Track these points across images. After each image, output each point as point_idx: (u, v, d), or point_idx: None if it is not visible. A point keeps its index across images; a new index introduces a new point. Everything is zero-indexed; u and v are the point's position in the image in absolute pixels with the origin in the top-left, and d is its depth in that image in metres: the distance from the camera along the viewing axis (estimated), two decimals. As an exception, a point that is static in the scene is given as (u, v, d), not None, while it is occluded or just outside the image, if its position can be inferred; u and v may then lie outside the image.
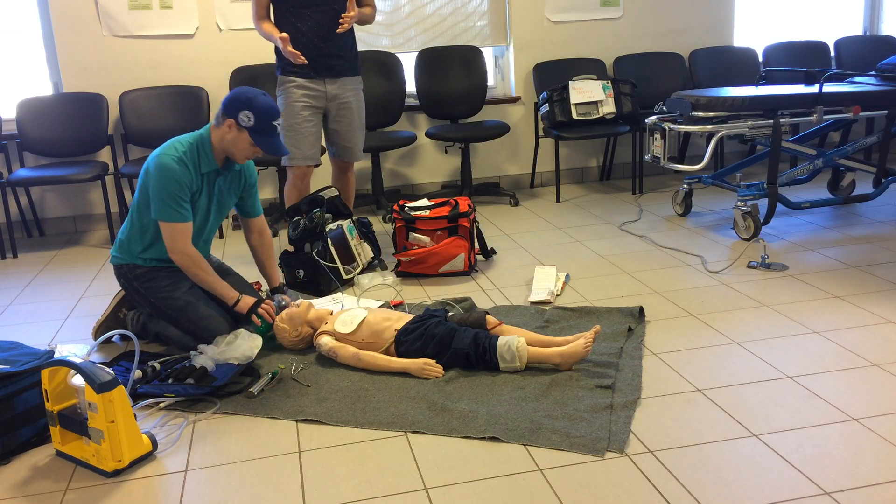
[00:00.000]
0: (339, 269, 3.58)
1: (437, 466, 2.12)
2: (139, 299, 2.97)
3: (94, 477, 2.17)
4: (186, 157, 2.83)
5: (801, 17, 6.00)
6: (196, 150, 2.86)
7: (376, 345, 2.74)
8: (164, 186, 2.77)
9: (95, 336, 3.11)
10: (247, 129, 2.82)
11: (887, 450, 2.08)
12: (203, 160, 2.87)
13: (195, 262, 2.86)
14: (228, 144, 2.87)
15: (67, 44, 4.74)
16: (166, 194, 2.78)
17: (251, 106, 2.81)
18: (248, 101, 2.81)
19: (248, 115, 2.81)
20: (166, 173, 2.77)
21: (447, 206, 3.78)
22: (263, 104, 2.83)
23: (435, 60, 5.22)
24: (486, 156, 5.49)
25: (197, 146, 2.86)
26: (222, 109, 2.85)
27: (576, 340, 2.62)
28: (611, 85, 4.96)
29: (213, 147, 2.88)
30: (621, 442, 2.17)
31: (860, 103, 4.10)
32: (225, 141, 2.86)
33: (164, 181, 2.77)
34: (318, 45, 3.62)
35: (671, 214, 4.62)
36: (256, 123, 2.82)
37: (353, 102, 3.79)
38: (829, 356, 2.65)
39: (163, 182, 2.78)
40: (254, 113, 2.81)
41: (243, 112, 2.81)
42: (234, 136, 2.84)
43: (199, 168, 2.86)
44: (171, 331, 2.95)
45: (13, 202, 4.83)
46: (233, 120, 2.82)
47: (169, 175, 2.77)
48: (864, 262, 3.59)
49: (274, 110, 2.86)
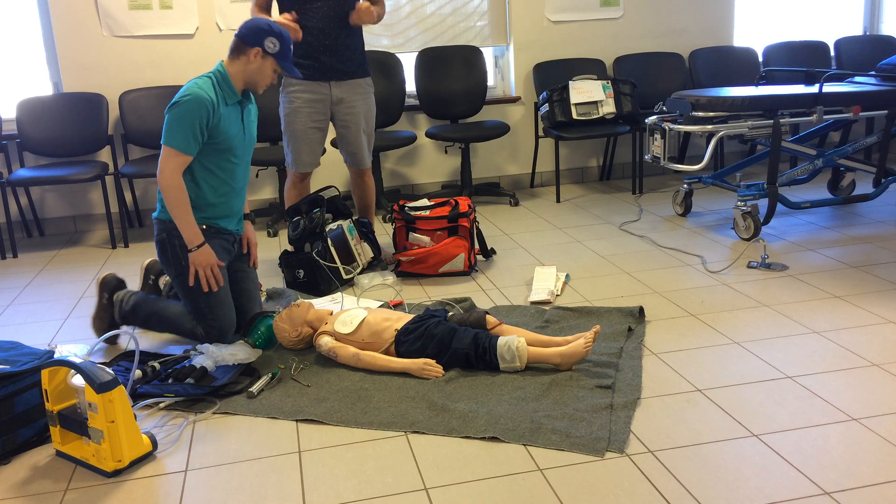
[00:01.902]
0: (338, 269, 3.58)
1: (437, 466, 2.12)
2: (170, 258, 2.90)
3: (94, 477, 2.17)
4: (211, 91, 2.84)
5: (801, 17, 6.00)
6: (218, 84, 2.88)
7: (376, 345, 2.74)
8: (184, 112, 2.76)
9: (97, 332, 3.10)
10: (273, 55, 2.90)
11: (887, 450, 2.08)
12: (227, 92, 2.90)
13: (176, 189, 2.80)
14: (253, 74, 2.91)
15: (67, 44, 4.74)
16: (183, 120, 2.76)
17: (273, 32, 2.89)
18: (269, 28, 2.89)
19: (274, 42, 2.89)
20: (192, 101, 2.76)
21: (447, 206, 3.77)
22: (281, 29, 2.92)
23: (435, 60, 5.22)
24: (486, 156, 5.50)
25: (219, 81, 2.89)
26: (243, 40, 2.88)
27: (576, 340, 2.62)
28: (611, 85, 4.96)
29: (234, 81, 2.91)
30: (621, 442, 2.17)
31: (860, 103, 4.10)
32: (248, 71, 2.90)
33: (187, 108, 2.76)
34: (324, 44, 3.56)
35: (671, 214, 4.62)
36: (282, 48, 2.91)
37: (361, 107, 3.71)
38: (829, 356, 2.65)
39: (185, 109, 2.76)
40: (278, 39, 2.89)
41: (269, 39, 2.88)
42: (259, 64, 2.90)
43: (224, 100, 2.89)
44: (172, 309, 2.94)
45: (13, 202, 4.83)
46: (259, 48, 2.87)
47: (194, 103, 2.76)
48: (864, 262, 3.59)
49: (289, 36, 2.96)
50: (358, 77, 3.69)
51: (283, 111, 3.67)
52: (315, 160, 3.74)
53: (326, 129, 3.74)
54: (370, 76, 3.76)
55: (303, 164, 3.72)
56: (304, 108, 3.62)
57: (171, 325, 2.95)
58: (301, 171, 3.73)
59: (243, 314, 3.06)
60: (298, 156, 3.70)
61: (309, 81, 3.61)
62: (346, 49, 3.61)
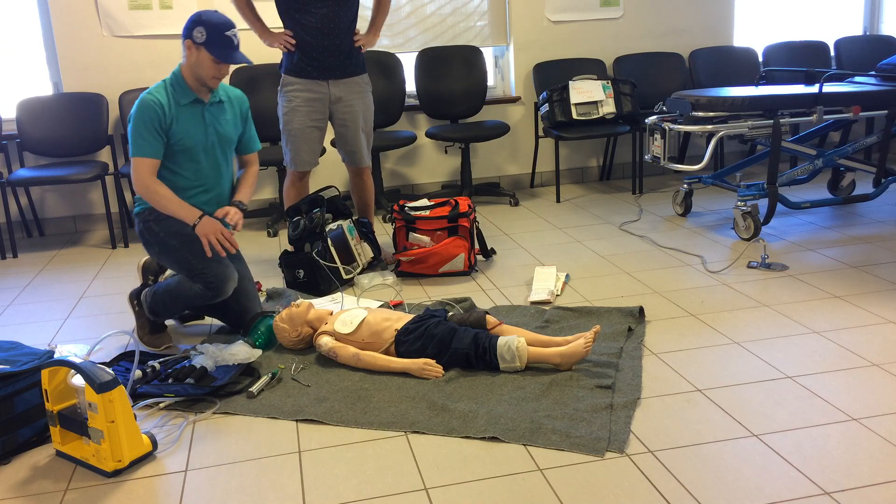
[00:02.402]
0: (338, 269, 3.58)
1: (437, 466, 2.12)
2: (151, 238, 3.00)
3: (94, 477, 2.17)
4: (161, 94, 2.92)
5: (801, 17, 6.00)
6: (170, 85, 2.95)
7: (376, 345, 2.74)
8: (137, 120, 2.87)
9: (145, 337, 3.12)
10: (203, 44, 2.88)
11: (887, 450, 2.08)
12: (179, 92, 2.94)
13: (156, 190, 2.90)
14: (195, 68, 2.93)
15: (67, 44, 4.74)
16: (139, 127, 2.87)
17: (201, 21, 2.89)
18: (197, 19, 2.90)
19: (201, 31, 2.89)
20: (140, 107, 2.88)
21: (447, 206, 3.77)
22: (213, 17, 2.91)
23: (435, 60, 5.22)
24: (486, 156, 5.49)
25: (171, 82, 2.96)
26: (181, 37, 2.94)
27: (576, 340, 2.62)
28: (611, 85, 4.96)
29: (186, 79, 2.96)
30: (621, 442, 2.17)
31: (860, 103, 4.10)
32: (191, 67, 2.94)
33: (138, 115, 2.88)
34: (323, 44, 3.56)
35: (671, 214, 4.62)
36: (210, 36, 2.88)
37: (359, 105, 3.71)
38: (829, 356, 2.65)
39: (137, 116, 2.88)
40: (205, 27, 2.88)
41: (196, 29, 2.89)
42: (196, 57, 2.91)
43: (177, 101, 2.93)
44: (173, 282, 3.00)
45: (13, 202, 4.83)
46: (189, 40, 2.90)
47: (142, 108, 2.87)
48: (864, 262, 3.59)
49: (225, 22, 2.92)
50: (355, 75, 3.69)
51: (282, 110, 3.67)
52: (314, 159, 3.74)
53: (325, 128, 3.73)
54: (367, 73, 3.76)
55: (301, 163, 3.71)
56: (303, 107, 3.62)
57: (181, 296, 2.97)
58: (300, 170, 3.73)
59: (244, 314, 3.06)
60: (297, 155, 3.70)
61: (307, 80, 3.61)
62: (345, 48, 3.61)
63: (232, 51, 2.93)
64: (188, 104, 2.95)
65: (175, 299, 2.97)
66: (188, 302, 2.96)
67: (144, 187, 2.90)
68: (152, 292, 3.04)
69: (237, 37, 2.96)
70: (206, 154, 3.01)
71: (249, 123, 3.20)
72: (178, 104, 2.92)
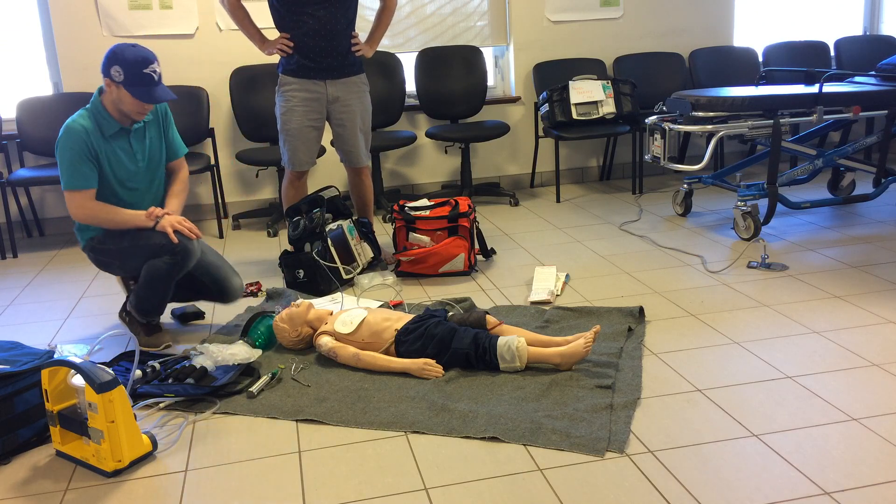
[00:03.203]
0: (338, 269, 3.58)
1: (437, 466, 2.12)
2: (108, 258, 2.98)
3: (94, 477, 2.17)
4: (87, 121, 2.82)
5: (801, 17, 6.00)
6: (94, 116, 2.85)
7: (376, 345, 2.74)
8: (66, 150, 2.79)
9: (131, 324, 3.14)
10: (121, 84, 2.78)
11: (887, 450, 2.08)
12: (103, 124, 2.85)
13: (100, 214, 2.85)
14: (117, 103, 2.84)
15: (67, 44, 4.74)
16: (70, 159, 2.79)
17: (117, 60, 2.77)
18: (114, 56, 2.78)
19: (118, 70, 2.77)
20: (68, 137, 2.79)
21: (447, 206, 3.77)
22: (130, 55, 2.77)
23: (435, 60, 5.22)
24: (486, 156, 5.50)
25: (94, 113, 2.85)
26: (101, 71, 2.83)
27: (576, 340, 2.62)
28: (611, 85, 4.96)
29: (109, 110, 2.86)
30: (621, 442, 2.17)
31: (860, 103, 4.10)
32: (113, 102, 2.84)
33: (67, 145, 2.79)
34: (321, 45, 3.55)
35: (671, 214, 4.62)
36: (127, 76, 2.77)
37: (356, 105, 3.71)
38: (829, 356, 2.65)
39: (64, 149, 2.79)
40: (121, 66, 2.76)
41: (113, 68, 2.77)
42: (116, 94, 2.82)
43: (102, 132, 2.85)
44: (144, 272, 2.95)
45: (13, 202, 4.83)
46: (108, 78, 2.80)
47: (71, 137, 2.78)
48: (864, 262, 3.59)
49: (141, 59, 2.79)
50: (353, 75, 3.69)
51: (279, 110, 3.67)
52: (311, 159, 3.74)
53: (322, 128, 3.73)
54: (364, 73, 3.76)
55: (299, 162, 3.71)
56: (300, 107, 3.62)
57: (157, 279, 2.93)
58: (297, 169, 3.73)
59: (220, 282, 3.09)
60: (294, 154, 3.70)
61: (304, 80, 3.61)
62: (343, 49, 3.61)
63: (153, 88, 2.82)
64: (113, 135, 2.87)
65: (153, 286, 2.95)
66: (165, 281, 2.92)
67: (88, 215, 2.85)
68: (134, 296, 3.03)
69: (157, 72, 2.84)
70: (137, 179, 2.96)
71: (172, 130, 3.09)
72: (103, 136, 2.84)
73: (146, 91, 2.81)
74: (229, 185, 5.14)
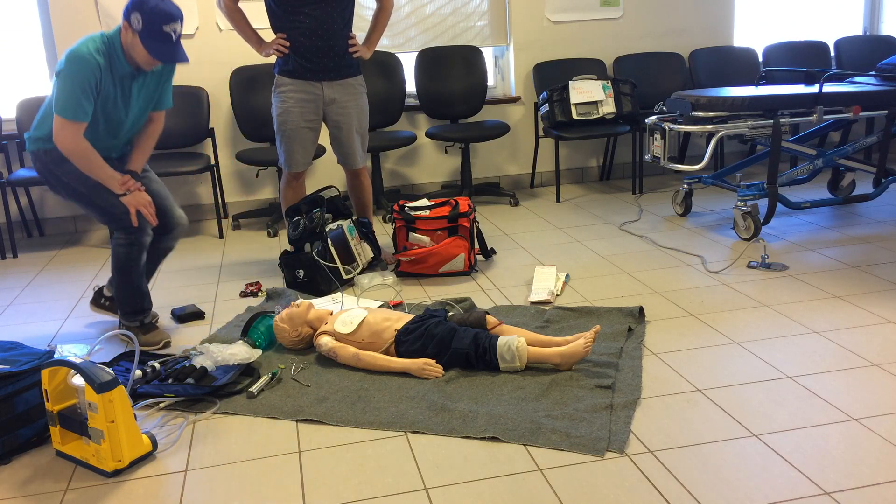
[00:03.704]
0: (338, 269, 3.58)
1: (437, 466, 2.12)
2: (55, 182, 2.90)
3: (94, 477, 2.17)
4: (101, 57, 2.70)
5: (801, 17, 6.00)
6: (109, 53, 2.72)
7: (376, 345, 2.74)
8: (73, 80, 2.65)
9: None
10: (137, 33, 2.67)
11: (887, 450, 2.08)
12: (116, 64, 2.75)
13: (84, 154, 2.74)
14: (129, 48, 2.73)
15: (67, 44, 4.73)
16: (74, 88, 2.65)
17: (140, 7, 2.65)
18: (139, 3, 2.66)
19: (138, 18, 2.66)
20: (80, 64, 2.65)
21: (447, 206, 3.77)
22: (154, 6, 2.65)
23: (435, 60, 5.22)
24: (486, 156, 5.50)
25: (109, 49, 2.73)
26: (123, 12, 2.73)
27: (576, 340, 2.62)
28: (611, 85, 4.96)
29: (125, 49, 2.75)
30: (621, 442, 2.17)
31: (860, 103, 4.10)
32: (126, 45, 2.73)
33: (76, 72, 2.65)
34: (317, 45, 3.54)
35: (671, 214, 4.62)
36: (145, 27, 2.66)
37: (353, 107, 3.69)
38: (829, 356, 2.65)
39: (73, 75, 2.65)
40: (142, 15, 2.65)
41: (133, 14, 2.66)
42: (131, 41, 2.71)
43: (112, 71, 2.74)
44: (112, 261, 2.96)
45: (13, 202, 4.83)
46: (126, 22, 2.69)
47: (82, 66, 2.65)
48: (864, 262, 3.59)
49: (166, 14, 2.68)
50: (349, 76, 3.67)
51: (275, 111, 3.66)
52: (308, 159, 3.74)
53: (319, 129, 3.73)
54: (361, 75, 3.75)
55: (295, 163, 3.71)
56: (296, 108, 3.61)
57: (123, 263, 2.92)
58: (294, 170, 3.73)
59: (163, 215, 3.04)
60: (291, 155, 3.69)
61: (301, 81, 3.59)
62: (339, 50, 3.60)
63: (168, 46, 2.70)
64: (121, 77, 2.76)
65: (124, 271, 2.94)
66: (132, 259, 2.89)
67: (72, 149, 2.71)
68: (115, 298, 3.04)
69: (177, 31, 2.70)
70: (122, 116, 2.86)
71: (169, 83, 3.00)
72: (112, 76, 2.72)
73: (160, 48, 2.69)
74: (229, 185, 5.14)
